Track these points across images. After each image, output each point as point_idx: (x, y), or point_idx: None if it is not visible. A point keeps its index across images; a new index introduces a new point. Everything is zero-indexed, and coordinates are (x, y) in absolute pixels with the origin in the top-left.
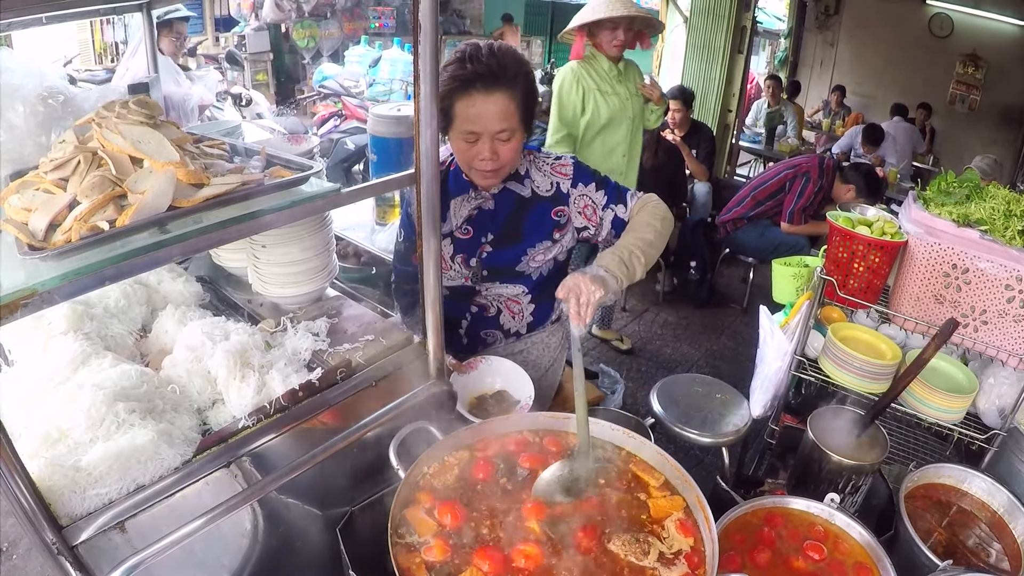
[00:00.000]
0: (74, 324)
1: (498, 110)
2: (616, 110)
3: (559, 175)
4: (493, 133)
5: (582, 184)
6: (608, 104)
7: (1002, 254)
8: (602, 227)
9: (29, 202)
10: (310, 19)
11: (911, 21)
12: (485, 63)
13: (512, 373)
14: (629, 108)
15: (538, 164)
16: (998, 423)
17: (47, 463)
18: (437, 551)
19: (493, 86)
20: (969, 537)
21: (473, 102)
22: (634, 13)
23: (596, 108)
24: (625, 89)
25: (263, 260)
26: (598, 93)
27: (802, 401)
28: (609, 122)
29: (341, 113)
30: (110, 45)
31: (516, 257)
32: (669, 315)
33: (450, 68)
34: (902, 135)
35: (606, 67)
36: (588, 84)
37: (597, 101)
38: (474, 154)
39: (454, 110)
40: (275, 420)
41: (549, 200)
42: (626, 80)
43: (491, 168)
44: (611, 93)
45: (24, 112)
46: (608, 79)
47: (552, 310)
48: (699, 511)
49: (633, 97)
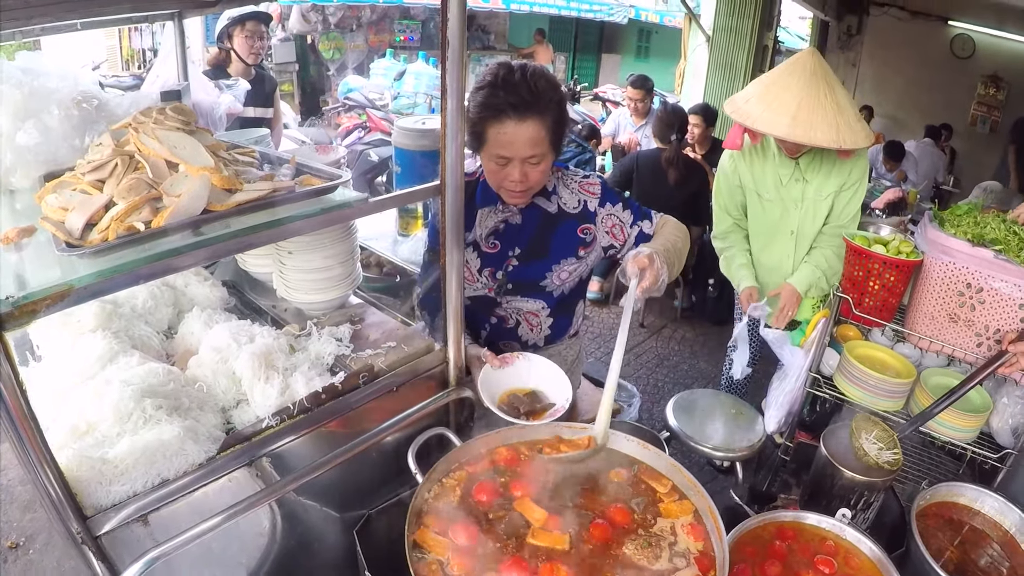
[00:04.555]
0: (102, 322)
1: (529, 136)
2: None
3: (587, 193)
4: (524, 158)
5: (610, 204)
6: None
7: (1016, 274)
8: (627, 243)
9: (66, 201)
10: (336, 31)
11: (933, 42)
12: (517, 91)
13: (550, 373)
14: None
15: (566, 181)
16: (1011, 442)
17: (75, 454)
18: (455, 562)
19: (526, 113)
20: (981, 556)
21: (505, 129)
22: (825, 145)
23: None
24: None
25: (289, 266)
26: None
27: (816, 418)
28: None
29: (365, 125)
30: (137, 52)
31: (541, 273)
32: (687, 332)
33: (482, 93)
34: (927, 158)
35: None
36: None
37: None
38: (504, 176)
39: (486, 134)
40: (298, 421)
41: (576, 217)
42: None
43: (520, 190)
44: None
45: (59, 115)
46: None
47: (570, 325)
48: (709, 519)
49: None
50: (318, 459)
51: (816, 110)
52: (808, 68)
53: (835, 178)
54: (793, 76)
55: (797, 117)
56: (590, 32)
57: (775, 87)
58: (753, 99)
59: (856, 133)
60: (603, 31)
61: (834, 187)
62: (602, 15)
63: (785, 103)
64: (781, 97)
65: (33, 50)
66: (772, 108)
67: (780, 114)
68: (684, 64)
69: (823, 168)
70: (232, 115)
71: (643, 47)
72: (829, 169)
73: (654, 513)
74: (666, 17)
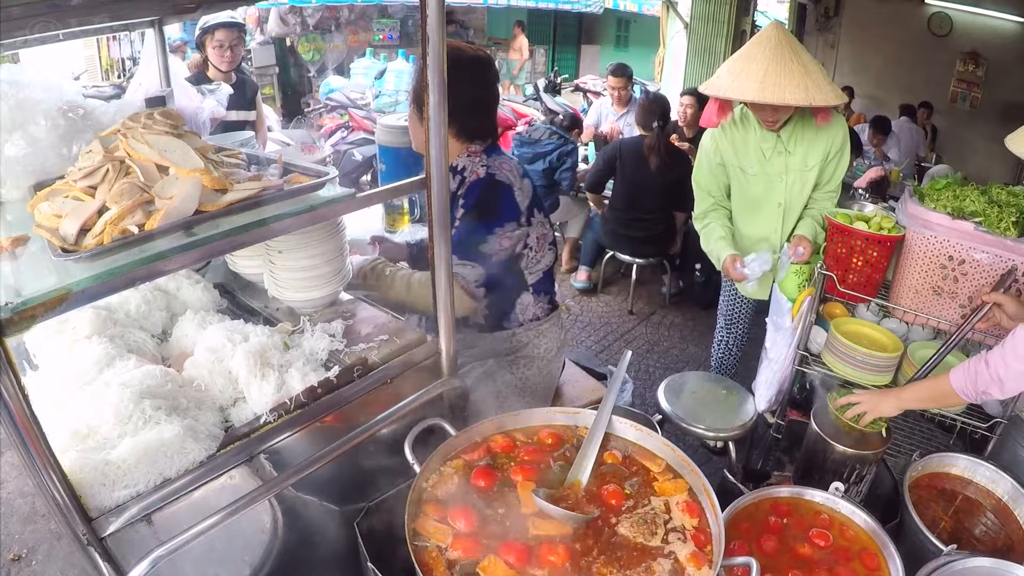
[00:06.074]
0: (98, 328)
1: None
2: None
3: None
4: None
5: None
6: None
7: (996, 244)
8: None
9: (59, 208)
10: (315, 33)
11: (910, 21)
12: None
13: None
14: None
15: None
16: (1000, 412)
17: (78, 457)
18: (455, 548)
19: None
20: (975, 525)
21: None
22: (795, 103)
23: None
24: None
25: (279, 266)
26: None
27: (807, 395)
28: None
29: (348, 125)
30: (116, 61)
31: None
32: (676, 317)
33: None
34: (906, 135)
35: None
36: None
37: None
38: None
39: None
40: (295, 416)
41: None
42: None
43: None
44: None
45: (45, 125)
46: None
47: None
48: (704, 496)
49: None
50: (316, 454)
51: (783, 74)
52: (772, 39)
53: (819, 147)
54: (759, 47)
55: (765, 81)
56: (569, 24)
57: (742, 60)
58: (723, 74)
59: (825, 91)
60: (582, 22)
61: (819, 157)
62: (579, 6)
63: (752, 72)
64: (748, 68)
65: (14, 63)
66: (740, 77)
67: (749, 81)
68: (663, 52)
69: (805, 138)
70: (216, 120)
71: (622, 37)
72: (812, 138)
73: (649, 493)
74: (644, 6)
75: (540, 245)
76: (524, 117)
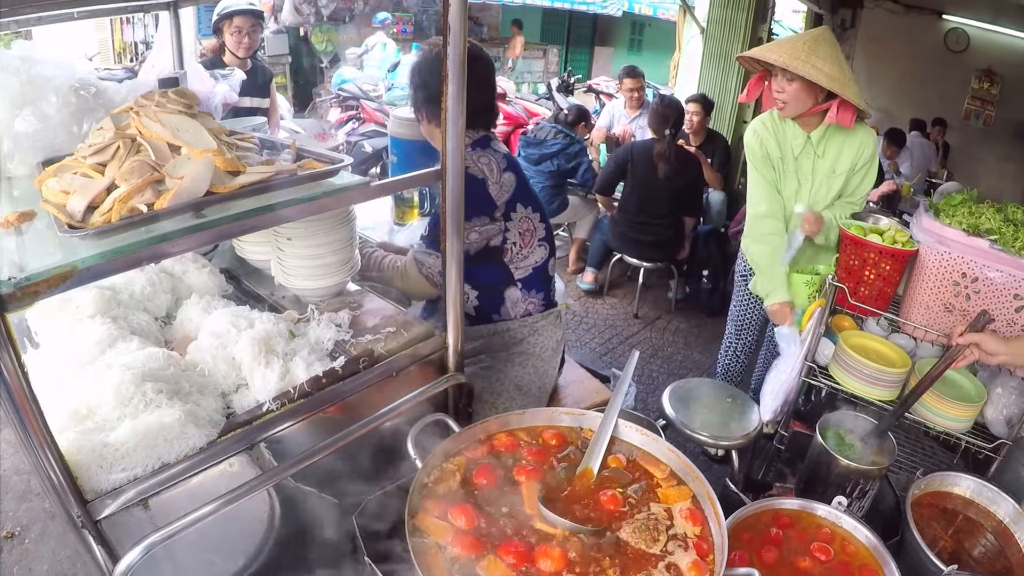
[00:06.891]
0: (101, 308)
1: None
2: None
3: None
4: None
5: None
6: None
7: (1011, 263)
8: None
9: (68, 185)
10: (329, 23)
11: (927, 36)
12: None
13: None
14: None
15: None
16: (1005, 433)
17: (75, 438)
18: (455, 546)
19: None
20: (975, 546)
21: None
22: (814, 78)
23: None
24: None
25: (288, 253)
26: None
27: (812, 408)
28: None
29: (359, 116)
30: (129, 45)
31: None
32: (681, 323)
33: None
34: (918, 150)
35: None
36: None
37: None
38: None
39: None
40: (298, 405)
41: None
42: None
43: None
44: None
45: (57, 103)
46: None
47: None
48: (708, 504)
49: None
50: (317, 445)
51: (816, 52)
52: (816, 32)
53: (847, 154)
54: (802, 34)
55: (796, 52)
56: (583, 25)
57: (787, 38)
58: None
59: (848, 87)
60: (596, 24)
61: (847, 164)
62: (595, 8)
63: (790, 42)
64: (783, 41)
65: (27, 40)
66: (776, 45)
67: (783, 47)
68: (679, 56)
69: (834, 142)
70: (228, 105)
71: (636, 40)
72: (840, 143)
73: (651, 498)
74: (659, 10)
75: (526, 240)
76: (536, 116)
